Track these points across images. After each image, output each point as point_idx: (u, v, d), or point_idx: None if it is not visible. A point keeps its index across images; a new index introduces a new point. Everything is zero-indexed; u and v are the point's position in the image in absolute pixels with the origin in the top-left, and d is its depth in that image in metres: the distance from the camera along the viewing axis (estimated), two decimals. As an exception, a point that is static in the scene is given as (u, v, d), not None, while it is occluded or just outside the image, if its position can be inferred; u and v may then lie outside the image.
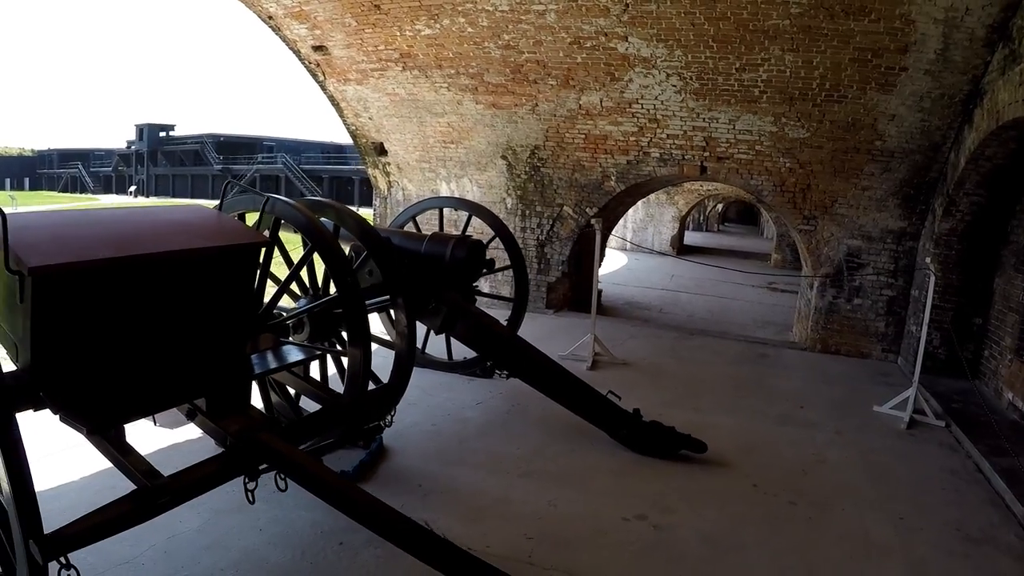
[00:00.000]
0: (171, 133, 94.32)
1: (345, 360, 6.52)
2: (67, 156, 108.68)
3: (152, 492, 4.01)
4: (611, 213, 14.69)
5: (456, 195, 14.77)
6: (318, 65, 13.97)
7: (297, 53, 13.87)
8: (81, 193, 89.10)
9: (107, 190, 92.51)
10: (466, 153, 14.52)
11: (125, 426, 4.48)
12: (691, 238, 36.82)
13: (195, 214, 5.20)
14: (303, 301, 6.60)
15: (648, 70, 11.30)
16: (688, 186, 27.79)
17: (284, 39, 13.59)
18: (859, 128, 11.00)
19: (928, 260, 9.76)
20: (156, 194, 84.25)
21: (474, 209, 9.78)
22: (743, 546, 5.65)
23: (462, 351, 9.40)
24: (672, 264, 25.84)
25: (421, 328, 8.25)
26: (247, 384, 5.07)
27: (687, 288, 20.68)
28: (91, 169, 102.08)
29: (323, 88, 14.62)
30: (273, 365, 5.25)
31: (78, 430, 4.05)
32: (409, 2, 11.30)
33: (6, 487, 3.46)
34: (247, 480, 4.65)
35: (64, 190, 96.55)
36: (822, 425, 8.67)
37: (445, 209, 10.72)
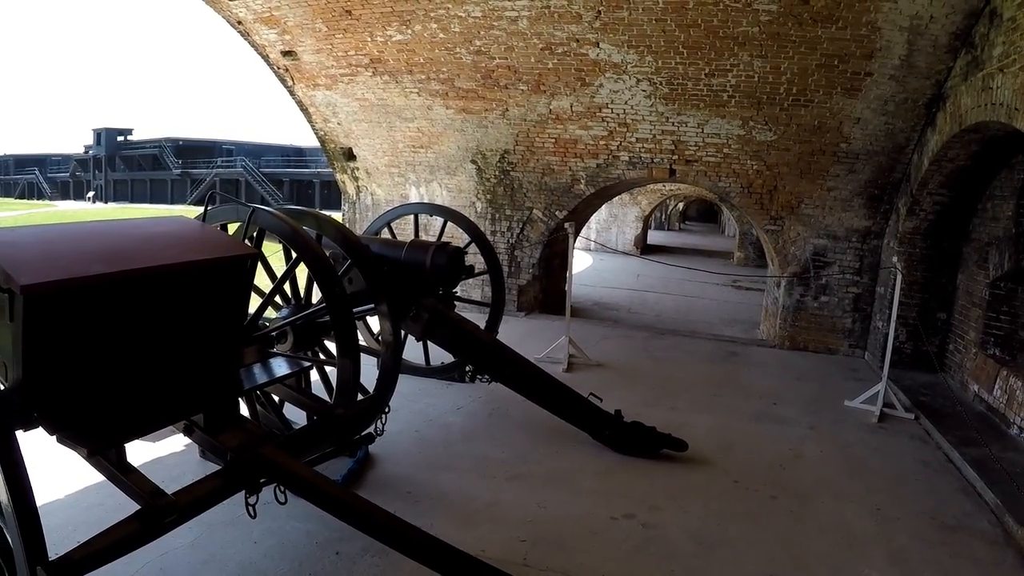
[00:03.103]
0: (129, 137, 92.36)
1: (328, 369, 6.56)
2: (23, 162, 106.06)
3: (159, 511, 3.95)
4: (580, 215, 14.81)
5: (426, 199, 14.85)
6: (287, 70, 13.93)
7: (266, 58, 13.80)
8: (38, 199, 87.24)
9: (64, 196, 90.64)
10: (436, 158, 14.55)
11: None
12: (654, 237, 37.03)
13: (181, 226, 5.12)
14: (285, 311, 6.56)
15: (619, 75, 11.44)
16: (651, 186, 27.88)
17: (253, 44, 13.52)
18: (825, 131, 11.23)
19: (895, 259, 9.99)
20: (115, 199, 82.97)
21: (449, 215, 9.76)
22: (730, 541, 5.79)
23: (437, 356, 9.43)
24: (637, 264, 26.01)
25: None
26: (240, 397, 5.05)
27: (653, 287, 20.85)
28: (48, 175, 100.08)
29: (291, 93, 14.56)
30: (262, 378, 5.18)
31: (77, 451, 3.99)
32: (381, 8, 11.32)
33: (8, 510, 3.37)
34: (248, 494, 4.62)
35: (20, 196, 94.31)
36: (796, 421, 8.88)
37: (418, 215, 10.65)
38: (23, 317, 3.62)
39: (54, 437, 3.94)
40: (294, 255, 5.98)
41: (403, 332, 7.96)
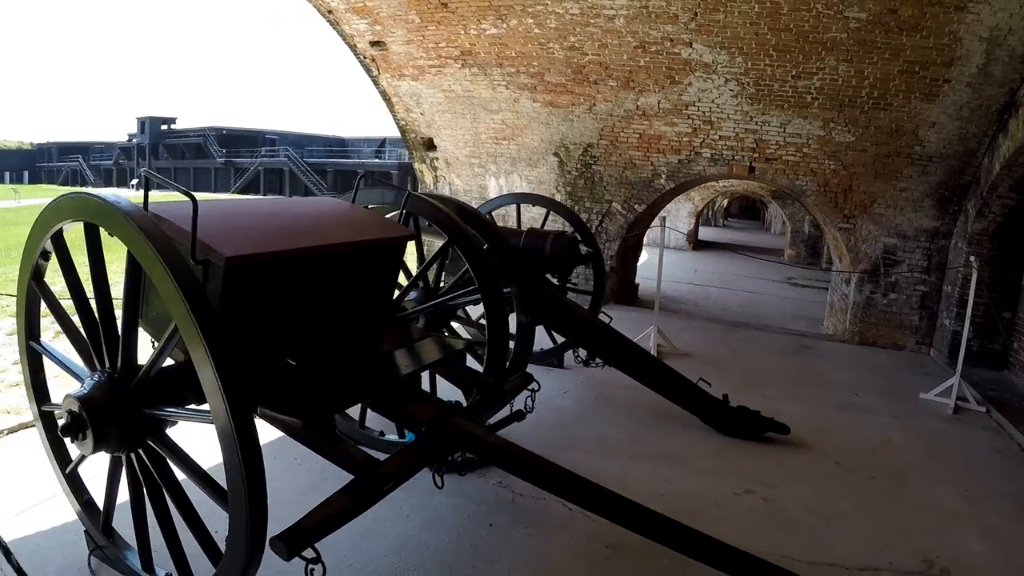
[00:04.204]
0: (173, 126, 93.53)
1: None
2: (67, 149, 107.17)
3: (378, 480, 4.02)
4: (654, 210, 15.23)
5: (504, 191, 15.21)
6: (373, 60, 14.38)
7: (353, 48, 14.25)
8: (81, 186, 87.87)
9: (108, 183, 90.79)
10: (518, 150, 14.91)
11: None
12: (703, 233, 37.19)
13: (338, 207, 5.28)
14: (414, 294, 6.71)
15: (708, 75, 11.84)
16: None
17: (341, 33, 13.94)
18: (901, 134, 11.57)
19: (972, 258, 10.31)
20: (158, 187, 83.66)
21: (552, 205, 10.18)
22: (842, 515, 6.21)
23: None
24: (691, 259, 26.28)
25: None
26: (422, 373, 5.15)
27: (711, 282, 21.23)
28: (91, 162, 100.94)
29: (376, 83, 15.00)
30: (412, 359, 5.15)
31: (280, 423, 4.10)
32: (478, 1, 11.75)
33: (237, 481, 3.23)
34: (436, 465, 4.78)
35: (64, 183, 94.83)
36: (878, 410, 9.27)
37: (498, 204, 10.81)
38: (221, 288, 3.69)
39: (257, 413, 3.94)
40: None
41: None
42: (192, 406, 4.02)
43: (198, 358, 3.22)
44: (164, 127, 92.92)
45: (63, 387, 4.81)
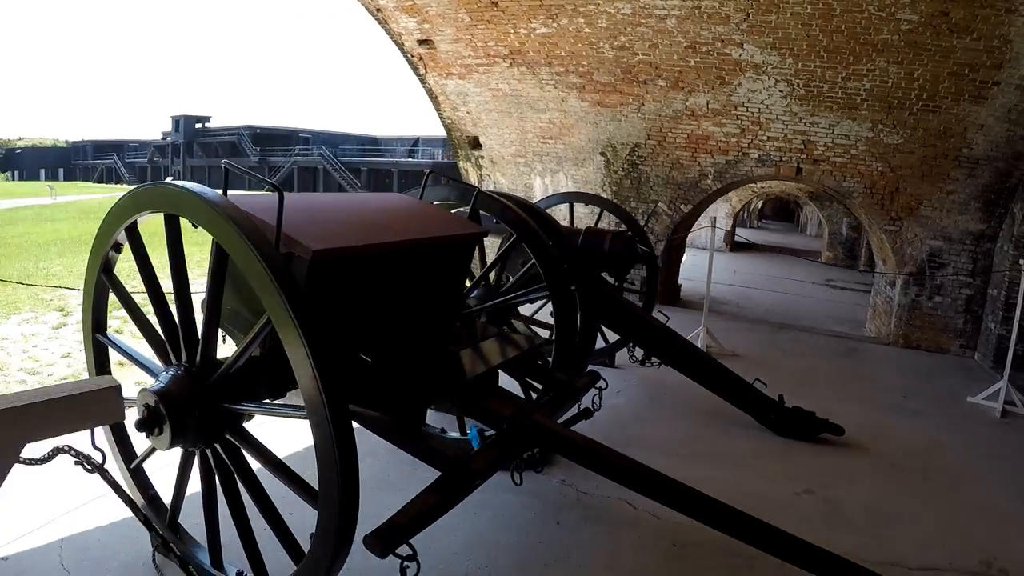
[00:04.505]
0: (207, 125, 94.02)
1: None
2: (101, 147, 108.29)
3: (470, 476, 4.03)
4: (699, 210, 15.35)
5: (550, 190, 15.24)
6: (420, 58, 14.46)
7: (400, 46, 14.34)
8: (116, 184, 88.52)
9: (142, 181, 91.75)
10: (564, 149, 14.98)
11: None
12: (739, 234, 37.06)
13: (409, 202, 5.32)
14: (475, 292, 6.69)
15: (758, 76, 11.86)
16: (746, 183, 28.03)
17: (389, 32, 14.03)
18: (949, 136, 11.55)
19: (1021, 262, 10.26)
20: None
21: (606, 205, 10.27)
22: (902, 516, 6.26)
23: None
24: (728, 260, 26.22)
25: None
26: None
27: (751, 283, 21.24)
28: (126, 160, 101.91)
29: (422, 81, 15.08)
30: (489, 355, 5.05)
31: (363, 419, 4.10)
32: (529, 1, 11.81)
33: (333, 476, 3.17)
34: (514, 461, 4.76)
35: (99, 181, 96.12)
36: (928, 413, 9.28)
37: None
38: (306, 281, 3.66)
39: None
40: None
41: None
42: (266, 401, 4.01)
43: (294, 352, 3.16)
44: (198, 126, 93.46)
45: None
